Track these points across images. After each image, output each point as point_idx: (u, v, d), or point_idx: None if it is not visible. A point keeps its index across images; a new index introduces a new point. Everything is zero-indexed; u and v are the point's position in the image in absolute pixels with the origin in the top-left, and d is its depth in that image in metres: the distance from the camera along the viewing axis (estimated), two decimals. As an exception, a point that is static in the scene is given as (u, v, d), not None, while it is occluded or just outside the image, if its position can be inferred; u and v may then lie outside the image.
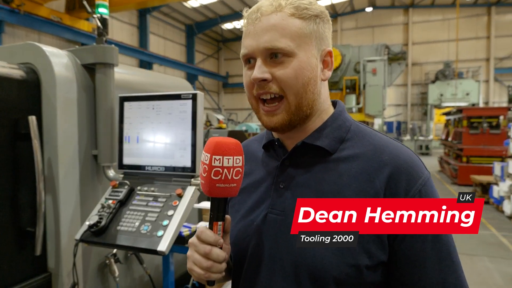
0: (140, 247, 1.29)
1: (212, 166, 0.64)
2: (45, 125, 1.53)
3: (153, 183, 1.53)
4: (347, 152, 0.72)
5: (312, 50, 0.70)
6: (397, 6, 22.78)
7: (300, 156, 0.74)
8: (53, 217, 1.54)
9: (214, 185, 0.65)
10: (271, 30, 0.68)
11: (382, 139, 0.73)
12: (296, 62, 0.68)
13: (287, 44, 0.67)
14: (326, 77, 0.74)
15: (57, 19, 11.42)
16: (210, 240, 0.66)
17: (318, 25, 0.71)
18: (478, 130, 8.82)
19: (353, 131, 0.75)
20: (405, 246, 0.65)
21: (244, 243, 0.75)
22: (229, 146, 0.65)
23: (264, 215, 0.73)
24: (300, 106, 0.70)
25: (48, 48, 1.54)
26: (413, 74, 23.00)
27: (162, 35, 19.47)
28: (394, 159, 0.68)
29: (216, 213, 0.67)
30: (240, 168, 0.66)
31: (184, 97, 1.47)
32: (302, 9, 0.69)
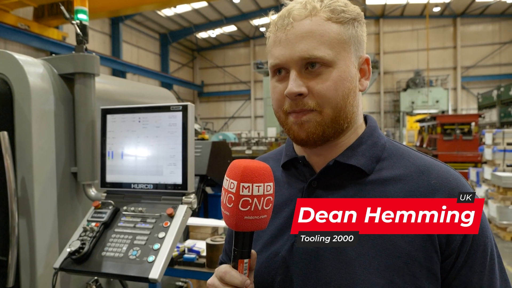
0: (129, 275, 1.18)
1: (240, 196, 0.55)
2: (18, 141, 1.39)
3: (140, 202, 1.42)
4: (386, 174, 0.64)
5: (352, 57, 0.64)
6: (368, 17, 23.63)
7: (330, 177, 0.66)
8: (27, 243, 1.39)
9: (242, 218, 0.56)
10: (307, 37, 0.60)
11: (423, 159, 0.66)
12: (336, 72, 0.61)
13: (326, 52, 0.60)
14: (364, 87, 0.67)
15: (24, 27, 10.94)
16: (236, 282, 0.57)
17: (357, 29, 0.64)
18: (452, 137, 9.19)
19: (389, 149, 0.68)
20: (461, 280, 0.60)
21: (269, 278, 0.66)
22: (259, 171, 0.56)
23: (290, 245, 0.65)
24: (337, 120, 0.63)
25: (21, 56, 1.41)
26: (385, 82, 23.85)
27: (135, 44, 19.14)
28: (444, 183, 0.62)
29: (241, 249, 0.59)
30: (271, 197, 0.58)
31: (173, 109, 1.38)
32: (339, 12, 0.62)
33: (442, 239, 0.59)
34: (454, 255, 0.59)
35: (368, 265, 0.58)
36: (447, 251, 0.59)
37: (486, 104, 14.89)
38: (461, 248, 0.59)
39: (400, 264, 0.58)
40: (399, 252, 0.58)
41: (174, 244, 1.25)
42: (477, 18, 21.34)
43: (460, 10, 21.15)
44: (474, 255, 0.60)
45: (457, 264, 0.59)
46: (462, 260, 0.59)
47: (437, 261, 0.59)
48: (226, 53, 23.81)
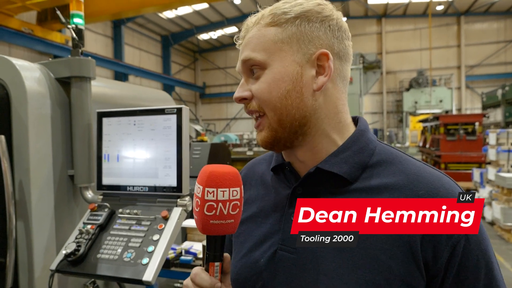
0: (124, 277, 1.19)
1: (205, 200, 0.56)
2: (16, 145, 1.40)
3: (135, 204, 1.43)
4: (372, 182, 0.61)
5: (292, 56, 0.62)
6: (370, 16, 23.59)
7: (314, 184, 0.64)
8: (25, 245, 1.41)
9: (208, 222, 0.57)
10: (248, 44, 0.64)
11: (415, 166, 0.62)
12: (269, 74, 0.62)
13: (258, 55, 0.62)
14: (319, 85, 0.62)
15: (28, 31, 11.04)
16: (205, 284, 0.57)
17: (300, 26, 0.62)
18: (455, 137, 9.11)
19: (379, 155, 0.64)
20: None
21: (250, 282, 0.66)
22: (225, 176, 0.57)
23: (273, 251, 0.64)
24: (281, 123, 0.62)
25: (18, 61, 1.43)
26: (388, 82, 23.76)
27: (137, 46, 19.24)
28: (433, 193, 0.58)
29: (212, 253, 0.59)
30: (239, 202, 0.58)
31: (168, 111, 1.39)
32: (279, 15, 0.62)
33: (428, 255, 0.56)
34: (442, 273, 0.56)
35: (347, 278, 0.57)
36: (434, 268, 0.56)
37: (490, 103, 14.77)
38: (448, 264, 0.56)
39: (380, 279, 0.56)
40: (379, 266, 0.56)
41: (168, 247, 1.26)
42: (482, 16, 21.17)
43: (464, 8, 21.00)
44: (465, 271, 0.56)
45: (446, 283, 0.56)
46: (451, 277, 0.56)
47: (421, 280, 0.56)
48: (228, 54, 23.85)
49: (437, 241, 0.56)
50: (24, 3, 9.88)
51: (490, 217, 6.09)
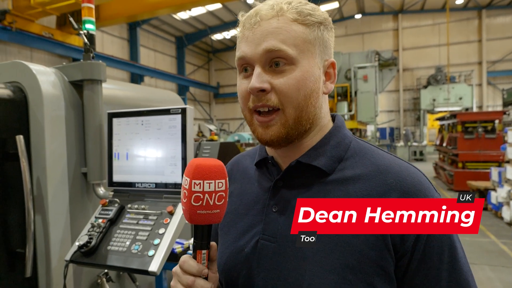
0: (131, 268, 1.26)
1: (192, 192, 0.59)
2: (33, 144, 1.51)
3: (143, 200, 1.51)
4: (346, 173, 0.65)
5: (316, 59, 0.65)
6: (386, 12, 23.17)
7: (294, 176, 0.68)
8: (43, 238, 1.51)
9: (195, 212, 0.60)
10: (272, 35, 0.62)
11: (385, 158, 0.66)
12: (298, 71, 0.63)
13: (290, 48, 0.62)
14: (328, 90, 0.68)
15: (48, 35, 11.43)
16: (193, 270, 0.61)
17: (323, 33, 0.65)
18: (473, 135, 8.84)
19: (353, 149, 0.68)
20: (416, 282, 0.60)
21: (235, 271, 0.70)
22: (211, 169, 0.60)
23: (255, 241, 0.68)
24: (299, 120, 0.64)
25: (35, 66, 1.53)
26: (404, 80, 23.29)
27: (152, 48, 19.57)
28: (401, 182, 0.62)
29: (200, 241, 0.62)
30: (224, 193, 0.61)
31: (173, 112, 1.46)
32: (306, 15, 0.63)
33: (396, 239, 0.59)
34: (408, 254, 0.60)
35: (324, 262, 0.60)
36: (401, 250, 0.60)
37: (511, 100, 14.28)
38: (415, 247, 0.59)
39: (353, 261, 0.59)
40: (352, 250, 0.60)
41: (173, 240, 1.33)
42: (505, 9, 20.40)
43: (486, 2, 20.29)
44: (429, 252, 0.60)
45: (413, 263, 0.60)
46: (417, 259, 0.60)
47: (391, 260, 0.60)
48: (242, 54, 23.90)
49: None
50: (44, 8, 10.23)
51: (508, 217, 5.92)
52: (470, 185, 7.65)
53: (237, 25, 0.69)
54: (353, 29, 23.74)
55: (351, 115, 15.19)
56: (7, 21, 10.15)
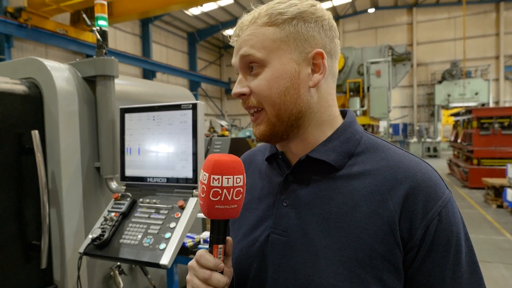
0: (143, 261, 1.28)
1: (211, 187, 0.60)
2: (48, 139, 1.54)
3: (155, 194, 1.53)
4: (356, 169, 0.66)
5: (290, 55, 0.65)
6: (400, 6, 22.71)
7: (304, 171, 0.69)
8: (57, 230, 1.55)
9: (213, 207, 0.61)
10: (245, 42, 0.67)
11: (396, 154, 0.66)
12: (268, 71, 0.65)
13: (258, 53, 0.65)
14: (315, 82, 0.66)
15: (62, 32, 11.63)
16: (209, 265, 0.62)
17: (296, 26, 0.65)
18: (489, 131, 8.63)
19: (364, 144, 0.69)
20: (423, 274, 0.61)
21: (246, 264, 0.71)
22: (229, 165, 0.61)
23: (266, 235, 0.69)
24: (280, 117, 0.66)
25: (49, 62, 1.56)
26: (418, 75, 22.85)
27: (164, 44, 19.70)
28: (410, 177, 0.62)
29: (216, 236, 0.63)
30: (241, 188, 0.62)
31: (184, 107, 1.47)
32: (276, 15, 0.65)
33: (404, 233, 0.60)
34: (416, 248, 0.60)
35: (333, 257, 0.61)
36: (409, 244, 0.60)
37: (530, 95, 13.83)
38: (422, 241, 0.60)
39: (363, 256, 0.60)
40: (362, 245, 0.60)
41: (184, 234, 1.34)
42: (524, 1, 19.77)
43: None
44: (436, 248, 0.60)
45: (419, 257, 0.61)
46: (423, 253, 0.60)
47: (399, 255, 0.60)
48: (253, 49, 23.85)
49: (413, 220, 0.60)
50: (59, 5, 10.41)
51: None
52: (486, 182, 7.48)
53: None
54: (366, 23, 23.37)
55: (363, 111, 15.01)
56: (22, 18, 10.37)
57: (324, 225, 0.63)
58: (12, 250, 1.44)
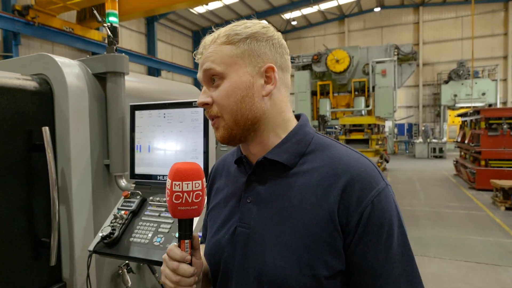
0: (153, 260, 1.27)
1: (173, 191, 0.70)
2: (58, 136, 1.53)
3: (165, 193, 1.51)
4: (306, 167, 0.75)
5: (246, 68, 0.75)
6: (406, 5, 22.55)
7: (263, 171, 0.79)
8: (67, 227, 1.54)
9: (176, 208, 0.71)
10: (207, 59, 0.76)
11: (340, 151, 0.76)
12: (227, 83, 0.74)
13: (218, 67, 0.75)
14: (267, 92, 0.76)
15: (69, 30, 11.68)
16: (177, 257, 0.72)
17: (250, 45, 0.75)
18: (498, 132, 8.55)
19: (314, 144, 0.78)
20: (358, 255, 0.69)
21: (217, 256, 0.80)
22: (188, 172, 0.70)
23: (234, 229, 0.79)
24: (236, 122, 0.75)
25: (60, 58, 1.55)
26: (424, 75, 22.68)
27: (169, 42, 19.73)
28: (348, 170, 0.71)
29: (183, 232, 0.73)
30: (200, 191, 0.72)
31: (195, 105, 1.45)
32: (233, 36, 0.75)
33: (343, 219, 0.69)
34: (352, 233, 0.69)
35: (284, 244, 0.71)
36: (347, 230, 0.69)
37: (538, 96, 13.67)
38: (357, 227, 0.69)
39: (309, 242, 0.69)
40: (308, 232, 0.70)
41: (195, 232, 1.32)
42: (533, 0, 19.53)
43: (512, -6, 19.44)
44: (369, 232, 0.68)
45: (355, 241, 0.69)
46: (358, 237, 0.69)
47: (339, 239, 0.69)
48: (258, 48, 23.82)
49: (349, 208, 0.69)
50: (65, 3, 10.45)
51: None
52: (494, 183, 7.40)
53: None
54: (371, 22, 23.23)
55: (368, 111, 14.91)
56: (30, 16, 10.43)
57: (278, 217, 0.73)
58: (22, 247, 1.43)
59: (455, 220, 6.28)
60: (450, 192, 8.84)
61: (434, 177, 11.25)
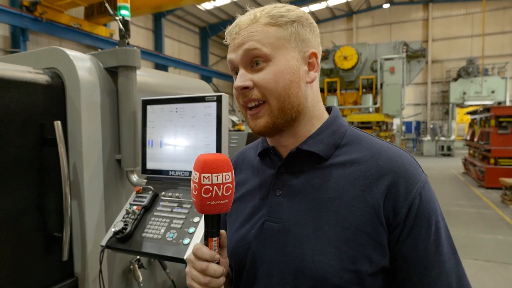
0: (166, 255, 1.25)
1: (202, 184, 0.65)
2: (70, 130, 1.52)
3: (177, 188, 1.50)
4: (342, 158, 0.73)
5: (292, 52, 0.72)
6: (416, 2, 22.26)
7: (295, 163, 0.75)
8: (78, 222, 1.53)
9: (205, 203, 0.66)
10: (248, 39, 0.71)
11: (378, 144, 0.74)
12: (274, 66, 0.70)
13: (264, 48, 0.70)
14: (312, 79, 0.75)
15: (77, 26, 11.73)
16: (206, 256, 0.67)
17: (297, 29, 0.73)
18: (508, 130, 8.44)
19: (349, 136, 0.76)
20: (408, 248, 0.67)
21: (243, 252, 0.77)
22: (218, 163, 0.65)
23: (261, 223, 0.75)
24: (283, 109, 0.71)
25: (72, 52, 1.54)
26: (433, 72, 22.40)
27: (176, 38, 19.73)
28: (391, 163, 0.70)
29: (210, 230, 0.68)
30: (230, 184, 0.67)
31: (208, 99, 1.43)
32: (278, 17, 0.71)
33: (389, 213, 0.67)
34: (400, 226, 0.67)
35: (323, 237, 0.68)
36: (394, 223, 0.67)
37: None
38: (406, 219, 0.67)
39: (350, 235, 0.66)
40: (349, 225, 0.67)
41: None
42: (544, -3, 19.16)
43: (524, -10, 19.10)
44: (418, 224, 0.67)
45: (404, 234, 0.67)
46: (407, 230, 0.67)
47: (384, 233, 0.67)
48: (265, 45, 23.74)
49: (397, 201, 0.67)
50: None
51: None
52: (503, 182, 7.29)
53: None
54: (380, 19, 22.98)
55: (376, 108, 14.78)
56: (38, 12, 10.49)
57: (315, 210, 0.70)
58: (34, 242, 1.43)
59: (464, 219, 6.21)
60: (458, 190, 8.75)
61: (443, 175, 11.14)
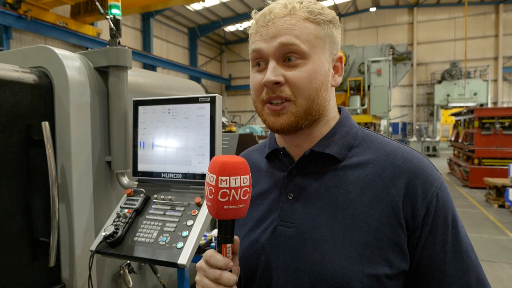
0: (160, 260, 1.22)
1: (219, 188, 0.61)
2: (58, 131, 1.47)
3: (169, 191, 1.47)
4: (356, 159, 0.71)
5: (326, 54, 0.70)
6: (401, 6, 22.68)
7: (308, 165, 0.73)
8: (66, 226, 1.49)
9: (222, 207, 0.62)
10: (285, 32, 0.67)
11: (391, 144, 0.73)
12: (310, 65, 0.67)
13: (302, 44, 0.66)
14: (337, 83, 0.73)
15: (62, 24, 11.48)
16: (220, 264, 0.63)
17: (332, 30, 0.71)
18: (491, 131, 8.69)
19: (361, 137, 0.75)
20: (427, 250, 0.66)
21: (254, 258, 0.73)
22: (236, 166, 0.62)
23: (273, 228, 0.72)
24: (310, 111, 0.69)
25: (60, 51, 1.49)
26: (418, 74, 22.86)
27: (165, 39, 19.56)
28: (408, 163, 0.68)
29: (224, 236, 0.64)
30: (248, 188, 0.64)
31: (202, 100, 1.40)
32: (316, 14, 0.68)
33: (408, 214, 0.65)
34: (419, 228, 0.66)
35: (341, 241, 0.65)
36: (413, 225, 0.66)
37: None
38: (424, 221, 0.66)
39: (370, 238, 0.64)
40: (368, 228, 0.65)
41: (201, 232, 1.28)
42: (523, 4, 19.83)
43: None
44: (437, 225, 0.66)
45: (423, 236, 0.66)
46: (426, 233, 0.66)
47: (403, 236, 0.65)
48: (254, 46, 23.76)
49: (415, 203, 0.65)
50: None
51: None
52: (487, 181, 7.49)
53: (251, 20, 0.73)
54: (367, 22, 23.32)
55: (363, 109, 14.97)
56: (22, 9, 10.22)
57: (331, 213, 0.67)
58: (19, 247, 1.37)
59: (450, 219, 6.33)
60: (444, 191, 8.91)
61: (428, 176, 11.32)
